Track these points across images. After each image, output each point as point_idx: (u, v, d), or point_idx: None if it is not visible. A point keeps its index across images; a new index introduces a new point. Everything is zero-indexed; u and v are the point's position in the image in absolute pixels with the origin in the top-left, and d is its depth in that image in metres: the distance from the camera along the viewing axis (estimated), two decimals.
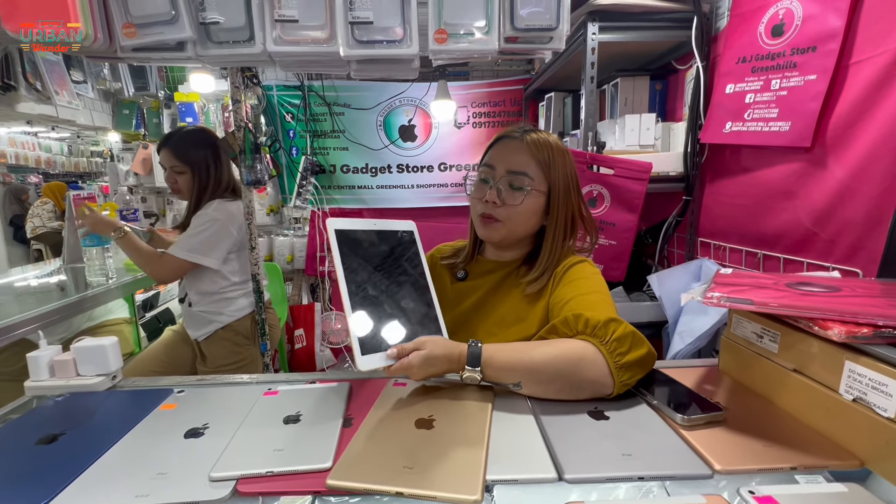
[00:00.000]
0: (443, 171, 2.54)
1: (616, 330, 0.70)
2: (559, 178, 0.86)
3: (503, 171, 0.85)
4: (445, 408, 0.67)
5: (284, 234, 2.61)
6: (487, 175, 0.87)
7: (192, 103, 2.30)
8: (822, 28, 1.04)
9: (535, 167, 0.85)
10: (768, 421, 0.65)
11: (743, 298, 0.67)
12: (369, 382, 0.79)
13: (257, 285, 1.67)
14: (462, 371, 0.70)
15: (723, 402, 0.69)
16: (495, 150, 0.89)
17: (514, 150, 0.86)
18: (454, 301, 0.95)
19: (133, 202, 2.07)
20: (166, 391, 0.77)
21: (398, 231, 0.80)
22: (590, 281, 0.86)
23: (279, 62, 0.76)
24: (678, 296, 1.44)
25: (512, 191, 0.85)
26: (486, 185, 0.87)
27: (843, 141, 1.02)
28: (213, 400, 0.74)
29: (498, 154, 0.87)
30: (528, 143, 0.85)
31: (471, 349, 0.70)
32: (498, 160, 0.86)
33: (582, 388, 0.69)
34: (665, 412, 0.66)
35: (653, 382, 0.74)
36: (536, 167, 0.85)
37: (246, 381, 0.83)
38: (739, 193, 1.33)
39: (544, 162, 0.85)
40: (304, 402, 0.71)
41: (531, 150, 0.85)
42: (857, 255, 1.02)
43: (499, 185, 0.85)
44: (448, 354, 0.70)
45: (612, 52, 1.50)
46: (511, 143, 0.87)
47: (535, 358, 0.70)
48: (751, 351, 0.75)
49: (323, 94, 2.44)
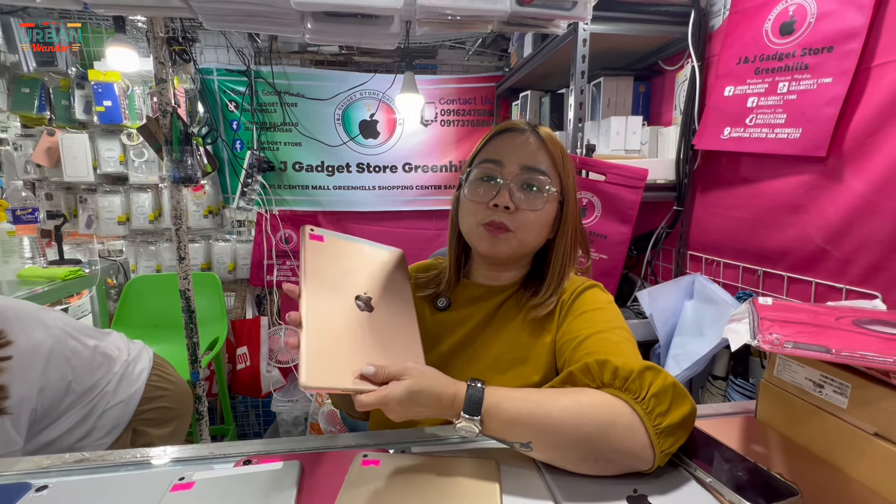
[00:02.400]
0: (407, 173, 2.33)
1: (653, 382, 0.53)
2: (571, 183, 0.70)
3: (516, 167, 0.67)
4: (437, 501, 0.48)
5: (225, 239, 2.29)
6: (493, 173, 0.68)
7: (110, 83, 1.94)
8: (841, 26, 0.95)
9: (550, 165, 0.68)
10: (851, 503, 0.50)
11: (817, 345, 0.53)
12: (327, 459, 0.58)
13: (187, 303, 1.39)
14: (456, 419, 0.51)
15: (782, 471, 0.54)
16: (498, 143, 0.70)
17: (527, 144, 0.68)
18: (434, 337, 0.75)
19: (30, 199, 1.70)
20: (19, 488, 0.52)
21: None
22: (606, 313, 0.69)
23: (201, 12, 0.54)
24: (670, 314, 1.33)
25: (528, 193, 0.67)
26: (493, 186, 0.68)
27: (864, 151, 0.93)
28: (90, 503, 0.50)
29: (504, 147, 0.69)
30: (542, 138, 0.68)
31: (470, 390, 0.52)
32: (507, 154, 0.68)
33: (611, 461, 0.51)
34: (726, 497, 0.50)
35: (694, 446, 0.59)
36: (552, 166, 0.68)
37: (148, 458, 0.59)
38: (737, 205, 1.23)
39: (559, 161, 0.68)
40: (232, 502, 0.49)
41: (546, 146, 0.67)
42: (875, 277, 0.93)
43: (511, 185, 0.67)
44: (438, 393, 0.52)
45: (596, 50, 1.37)
46: (520, 137, 0.69)
47: (552, 413, 0.52)
48: (806, 402, 0.62)
49: (273, 80, 2.16)
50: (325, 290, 0.57)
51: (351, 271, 0.61)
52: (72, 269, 1.68)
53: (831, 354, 0.51)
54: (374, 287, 0.62)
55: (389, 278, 0.64)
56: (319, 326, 0.53)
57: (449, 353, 0.73)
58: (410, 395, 0.50)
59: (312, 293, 0.55)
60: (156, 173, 2.11)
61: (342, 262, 0.61)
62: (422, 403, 0.51)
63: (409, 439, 0.63)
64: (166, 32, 1.33)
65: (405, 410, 0.51)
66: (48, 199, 2.12)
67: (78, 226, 2.13)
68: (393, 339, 0.59)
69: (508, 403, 0.52)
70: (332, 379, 0.50)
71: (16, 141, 2.03)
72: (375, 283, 0.62)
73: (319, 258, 0.59)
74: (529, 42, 1.77)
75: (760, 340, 0.56)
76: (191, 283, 1.38)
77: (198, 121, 2.10)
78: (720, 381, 1.23)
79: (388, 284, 0.63)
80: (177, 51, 1.33)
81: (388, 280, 0.64)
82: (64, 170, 2.00)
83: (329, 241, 0.62)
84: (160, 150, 1.36)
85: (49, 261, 1.84)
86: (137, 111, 2.05)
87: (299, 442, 0.63)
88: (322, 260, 0.59)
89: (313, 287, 0.56)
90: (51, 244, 1.92)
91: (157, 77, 1.32)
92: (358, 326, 0.56)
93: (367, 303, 0.59)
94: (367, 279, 0.62)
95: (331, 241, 0.62)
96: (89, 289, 1.86)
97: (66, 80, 2.01)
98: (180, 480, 0.52)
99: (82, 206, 2.12)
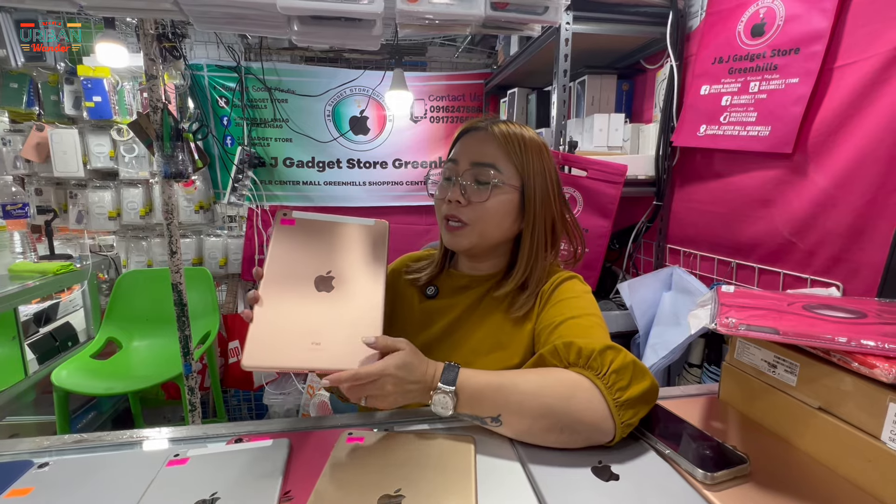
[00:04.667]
0: (398, 168, 2.36)
1: (614, 360, 0.58)
2: (534, 173, 0.73)
3: (466, 164, 0.72)
4: (416, 477, 0.52)
5: (217, 235, 2.31)
6: (451, 172, 0.73)
7: (100, 79, 1.94)
8: (806, 29, 1.00)
9: (503, 159, 0.72)
10: (796, 472, 0.55)
11: (766, 327, 0.57)
12: (314, 437, 0.62)
13: (179, 296, 1.41)
14: (433, 390, 0.56)
15: (736, 444, 0.59)
16: (459, 144, 0.76)
17: (480, 141, 0.73)
18: (422, 323, 0.79)
19: (20, 195, 1.71)
20: (21, 465, 0.55)
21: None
22: (580, 301, 0.73)
23: (191, 13, 0.56)
24: (649, 305, 1.38)
25: (477, 186, 0.71)
26: (449, 183, 0.73)
27: (826, 148, 0.98)
28: (90, 477, 0.53)
29: (462, 147, 0.75)
30: (494, 133, 0.72)
31: (446, 366, 0.58)
32: (461, 154, 0.73)
33: (576, 432, 0.56)
34: (682, 466, 0.55)
35: (656, 422, 0.63)
36: (505, 159, 0.72)
37: (143, 438, 0.62)
38: (712, 200, 1.28)
39: (515, 153, 0.71)
40: (224, 475, 0.52)
41: (498, 141, 0.72)
42: (836, 268, 0.98)
43: (462, 181, 0.71)
44: (424, 367, 0.57)
45: (580, 49, 1.41)
46: (476, 135, 0.74)
47: (518, 386, 0.57)
48: (761, 382, 0.66)
49: (263, 77, 2.17)
50: (283, 273, 0.60)
51: (318, 252, 0.63)
52: (63, 264, 1.69)
53: (779, 335, 0.56)
54: (341, 265, 0.62)
55: (360, 254, 0.64)
56: (268, 310, 0.57)
57: (435, 338, 0.77)
58: (406, 365, 0.55)
59: (270, 278, 0.59)
60: (146, 169, 2.12)
61: (310, 244, 0.63)
62: (413, 375, 0.56)
63: (392, 420, 0.67)
64: (156, 29, 1.35)
65: (398, 387, 0.55)
66: (38, 194, 2.12)
67: (68, 221, 2.13)
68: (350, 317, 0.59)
69: (480, 377, 0.58)
70: (272, 359, 0.54)
71: (4, 136, 2.03)
72: (343, 261, 0.63)
73: (285, 243, 0.63)
74: (515, 41, 1.80)
75: (718, 323, 0.60)
76: (182, 276, 1.40)
77: (188, 116, 2.11)
78: (695, 368, 1.28)
79: (356, 261, 0.64)
80: (167, 47, 1.35)
81: (357, 256, 0.64)
82: (54, 165, 2.00)
83: (300, 224, 0.64)
84: (151, 146, 1.38)
85: (39, 256, 1.85)
86: (127, 107, 2.05)
87: (288, 423, 0.66)
88: (289, 244, 0.63)
89: (272, 271, 0.60)
90: (41, 239, 1.93)
91: (147, 73, 1.33)
92: (311, 307, 0.59)
93: (328, 282, 0.61)
94: (334, 258, 0.63)
95: (302, 224, 0.64)
96: (81, 283, 1.87)
97: (55, 75, 2.01)
98: (175, 457, 0.56)
99: (72, 202, 2.13)
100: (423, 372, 0.57)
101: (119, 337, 1.96)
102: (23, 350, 1.63)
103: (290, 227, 0.64)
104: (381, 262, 0.64)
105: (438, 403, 0.55)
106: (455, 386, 0.56)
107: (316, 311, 0.58)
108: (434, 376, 0.57)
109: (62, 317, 1.98)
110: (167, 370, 1.72)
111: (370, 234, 0.67)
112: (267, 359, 0.54)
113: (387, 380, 0.54)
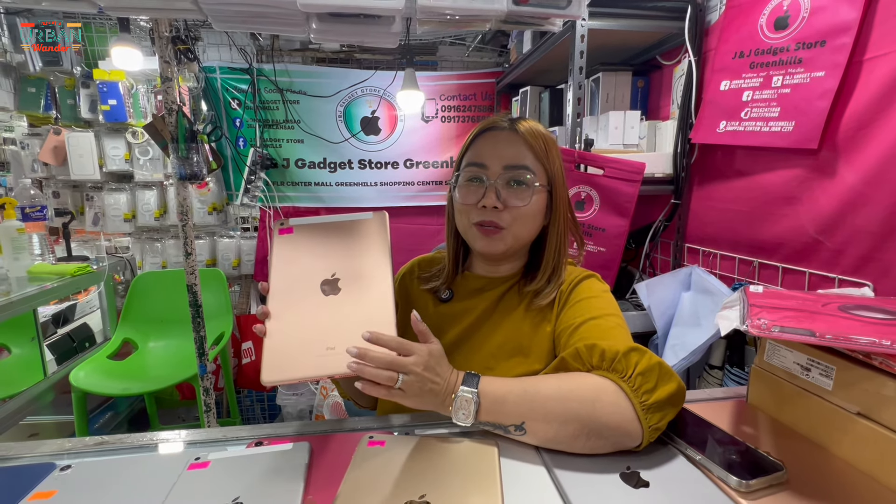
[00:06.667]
0: (409, 169, 2.36)
1: (639, 362, 0.56)
2: (557, 170, 0.72)
3: (499, 167, 0.70)
4: (440, 482, 0.50)
5: (230, 236, 2.32)
6: (479, 174, 0.71)
7: (115, 83, 1.97)
8: (833, 21, 0.97)
9: (533, 159, 0.70)
10: (835, 480, 0.53)
11: (801, 329, 0.55)
12: (334, 441, 0.61)
13: (194, 297, 1.42)
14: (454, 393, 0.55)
15: (769, 450, 0.56)
16: (480, 144, 0.73)
17: (507, 142, 0.71)
18: (437, 328, 0.77)
19: (39, 197, 1.73)
20: (44, 468, 0.55)
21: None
22: (600, 301, 0.72)
23: (210, 12, 0.56)
24: (668, 305, 1.35)
25: (515, 189, 0.69)
26: (480, 187, 0.70)
27: (856, 143, 0.94)
28: (112, 480, 0.53)
29: (486, 149, 0.72)
30: (521, 132, 0.70)
31: (467, 375, 0.57)
32: (490, 156, 0.70)
33: (602, 437, 0.54)
34: (714, 473, 0.53)
35: (684, 427, 0.61)
36: (535, 159, 0.70)
37: (163, 441, 0.62)
38: (733, 198, 1.25)
39: (542, 152, 0.70)
40: (246, 479, 0.52)
41: (526, 141, 0.70)
42: (866, 267, 0.95)
43: (497, 185, 0.69)
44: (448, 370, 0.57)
45: (595, 46, 1.39)
46: (500, 135, 0.72)
47: (541, 391, 0.55)
48: (794, 385, 0.64)
49: (275, 78, 2.18)
50: (289, 284, 0.59)
51: (320, 256, 0.62)
52: (80, 266, 1.71)
53: (815, 337, 0.53)
54: (344, 265, 0.61)
55: (362, 250, 0.63)
56: (279, 323, 0.56)
57: (453, 343, 0.75)
58: (440, 355, 0.56)
59: (276, 290, 0.59)
60: (160, 171, 2.14)
61: (311, 249, 0.62)
62: (440, 368, 0.55)
63: (413, 423, 0.66)
64: (170, 32, 1.36)
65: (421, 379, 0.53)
66: (55, 196, 2.15)
67: (85, 223, 2.16)
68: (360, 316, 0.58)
69: (501, 383, 0.57)
70: (289, 371, 0.53)
71: (22, 140, 2.06)
72: (346, 261, 0.62)
73: (287, 252, 0.62)
74: (528, 38, 1.78)
75: (749, 325, 0.58)
76: (197, 277, 1.41)
77: (202, 119, 2.12)
78: (717, 370, 1.26)
79: (359, 258, 0.62)
80: (181, 50, 1.35)
81: (360, 253, 0.63)
82: (70, 168, 2.03)
83: (298, 231, 0.64)
84: (166, 148, 1.39)
85: (57, 258, 1.87)
86: (142, 109, 2.08)
87: (307, 426, 0.66)
88: (290, 254, 0.62)
89: (277, 283, 0.59)
90: (59, 241, 1.95)
91: (162, 76, 1.34)
92: (321, 312, 0.58)
93: (334, 285, 0.59)
94: (336, 259, 0.62)
95: (301, 231, 0.64)
96: (97, 285, 1.89)
97: (72, 79, 2.04)
98: (196, 460, 0.55)
99: (89, 204, 2.15)
100: (448, 371, 0.56)
101: (135, 338, 1.98)
102: (42, 351, 1.65)
103: (289, 235, 0.63)
104: (385, 254, 0.62)
105: (459, 408, 0.54)
106: (477, 389, 0.55)
107: (326, 316, 0.58)
108: (455, 382, 0.56)
109: (79, 318, 2.00)
110: (182, 371, 1.73)
111: (370, 227, 0.65)
112: (285, 372, 0.53)
113: (417, 362, 0.53)
